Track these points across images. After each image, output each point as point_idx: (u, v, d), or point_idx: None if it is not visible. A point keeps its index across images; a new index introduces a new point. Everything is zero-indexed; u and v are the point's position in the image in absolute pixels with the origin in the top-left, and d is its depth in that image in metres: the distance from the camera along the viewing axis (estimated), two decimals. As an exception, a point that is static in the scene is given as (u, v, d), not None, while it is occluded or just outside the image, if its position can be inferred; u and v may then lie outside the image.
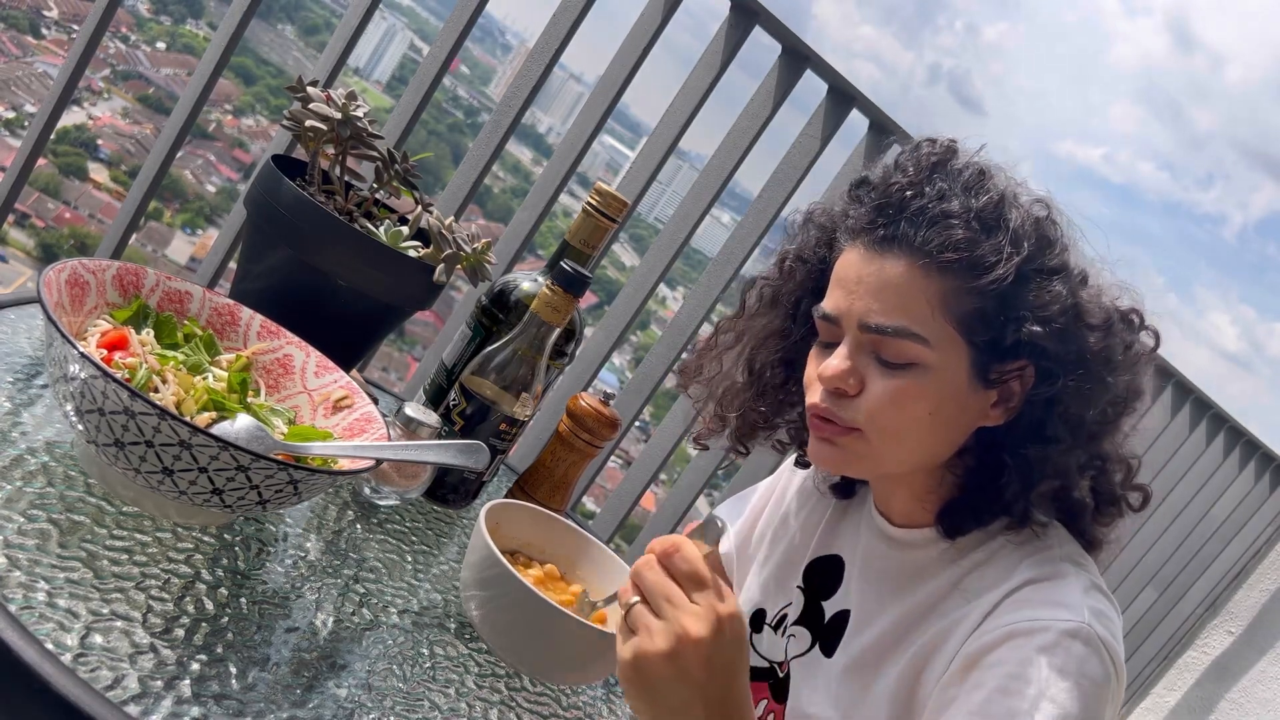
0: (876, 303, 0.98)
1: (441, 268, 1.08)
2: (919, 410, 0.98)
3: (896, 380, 0.98)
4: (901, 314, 0.97)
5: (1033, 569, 1.00)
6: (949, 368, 0.98)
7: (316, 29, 25.17)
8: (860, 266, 1.00)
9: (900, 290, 0.97)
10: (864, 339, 0.99)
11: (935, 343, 0.97)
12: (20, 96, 19.48)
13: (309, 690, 0.72)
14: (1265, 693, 1.87)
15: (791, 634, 1.12)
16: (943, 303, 0.96)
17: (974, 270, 0.96)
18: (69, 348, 0.71)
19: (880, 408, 0.98)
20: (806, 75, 1.91)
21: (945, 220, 0.97)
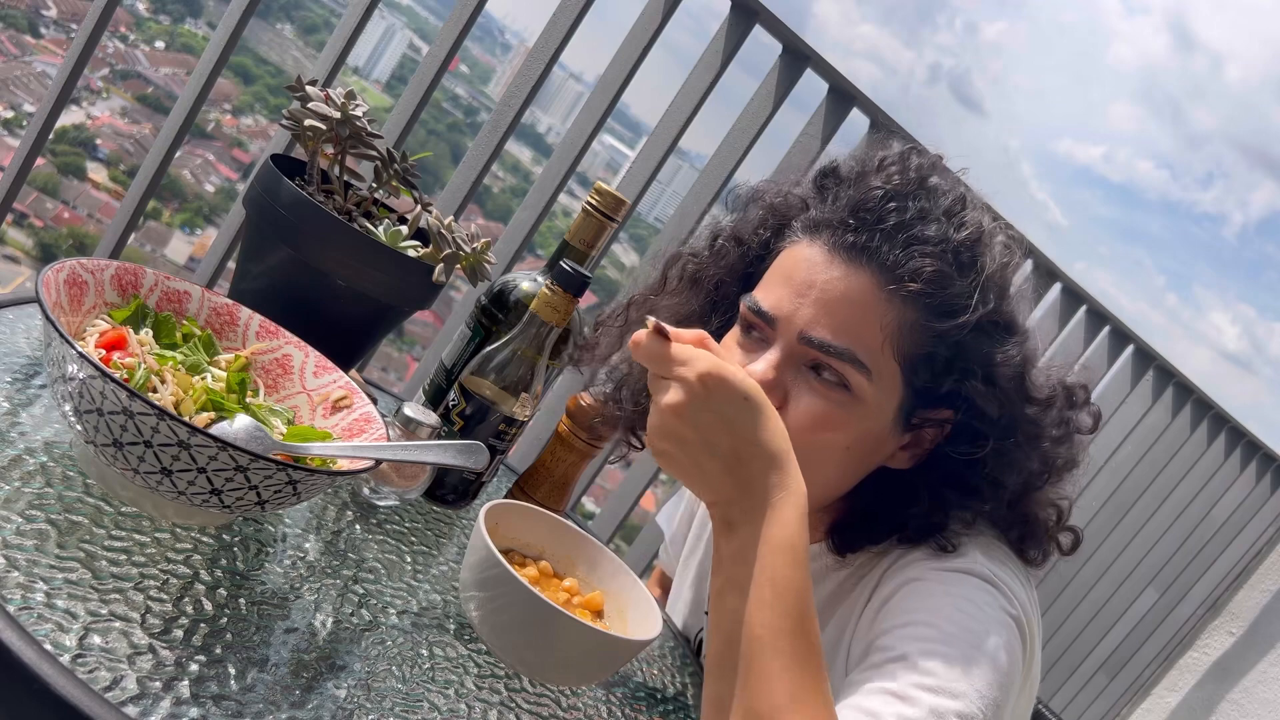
0: (827, 316, 0.88)
1: (441, 267, 1.07)
2: (836, 441, 0.90)
3: (822, 404, 0.89)
4: (851, 337, 0.88)
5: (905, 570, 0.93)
6: (879, 404, 0.90)
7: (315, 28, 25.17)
8: (817, 270, 0.90)
9: (857, 309, 0.88)
10: (801, 351, 0.89)
11: (875, 375, 0.89)
12: (19, 96, 19.48)
13: (308, 691, 0.72)
14: (1267, 693, 1.87)
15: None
16: (896, 336, 0.88)
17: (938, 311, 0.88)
18: (67, 348, 0.70)
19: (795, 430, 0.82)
20: (807, 74, 1.91)
21: (922, 244, 0.89)
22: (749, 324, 0.93)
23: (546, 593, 0.90)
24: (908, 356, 0.89)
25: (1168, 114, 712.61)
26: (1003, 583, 0.88)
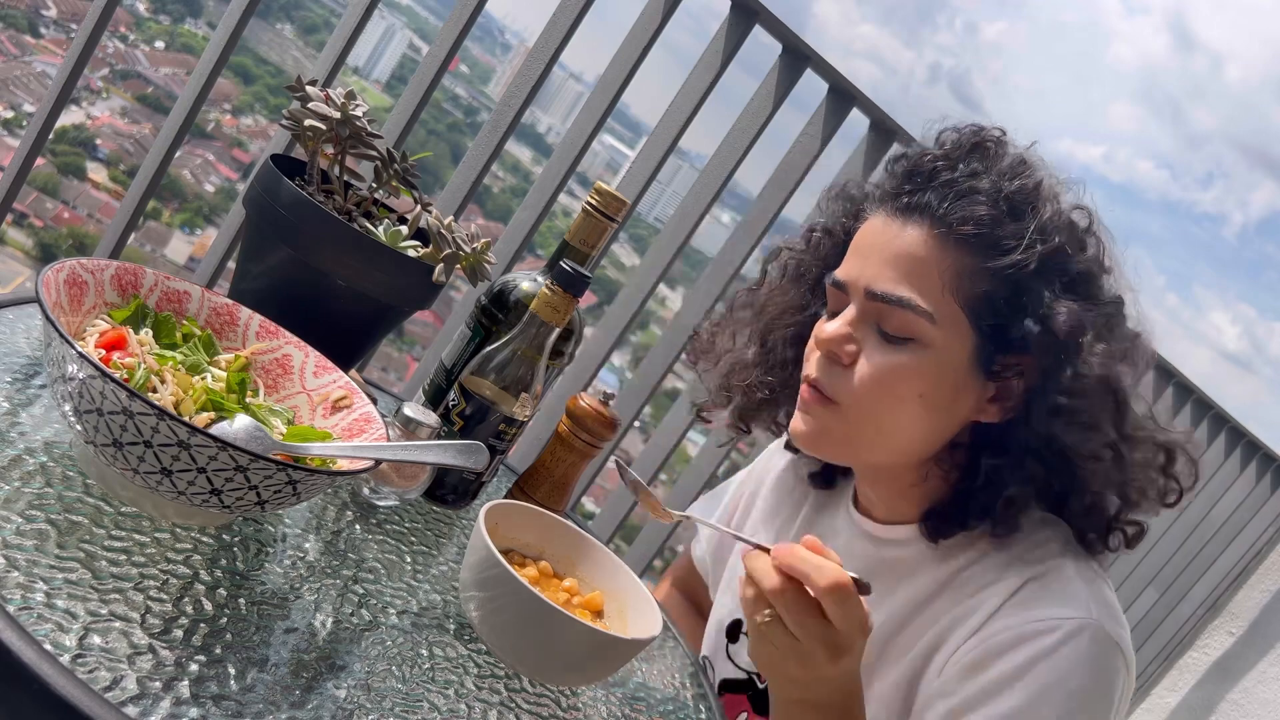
0: (888, 270, 0.94)
1: (441, 267, 1.07)
2: (908, 391, 0.94)
3: (893, 356, 0.94)
4: (909, 285, 0.93)
5: (1031, 566, 0.96)
6: (950, 350, 0.93)
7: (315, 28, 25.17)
8: (878, 233, 0.97)
9: (913, 260, 0.94)
10: (869, 307, 0.95)
11: (939, 320, 0.93)
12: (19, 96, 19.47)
13: (308, 691, 0.72)
14: (1266, 693, 1.87)
15: None
16: (955, 280, 0.93)
17: (991, 250, 0.92)
18: (67, 348, 0.70)
19: (868, 383, 0.93)
20: (807, 75, 1.91)
21: (972, 195, 0.93)
22: (831, 300, 1.00)
23: (546, 593, 0.90)
24: (969, 298, 0.93)
25: (1168, 114, 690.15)
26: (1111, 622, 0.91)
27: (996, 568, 0.98)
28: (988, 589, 0.97)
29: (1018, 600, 0.95)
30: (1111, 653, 0.91)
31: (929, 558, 1.02)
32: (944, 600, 0.99)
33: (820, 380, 0.97)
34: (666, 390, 2.25)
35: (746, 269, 2.05)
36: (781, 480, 1.25)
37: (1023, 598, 0.94)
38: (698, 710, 1.05)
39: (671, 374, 2.14)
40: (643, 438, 3.59)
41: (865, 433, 0.96)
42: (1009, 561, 0.98)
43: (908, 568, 1.03)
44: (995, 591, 0.96)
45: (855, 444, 0.98)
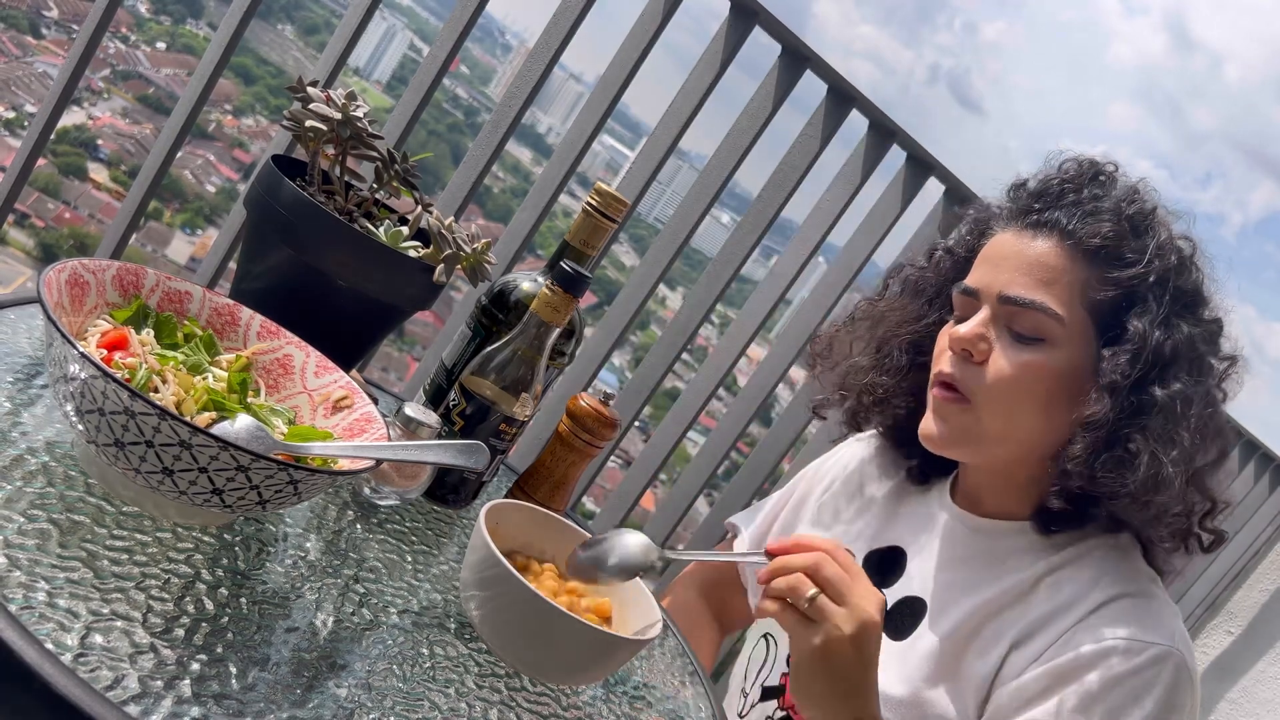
0: (1020, 276, 1.03)
1: (441, 268, 1.08)
2: (1037, 387, 1.02)
3: (1023, 354, 1.02)
4: (1042, 290, 1.02)
5: (1124, 582, 1.03)
6: (1074, 352, 1.02)
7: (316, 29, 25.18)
8: (1008, 246, 1.06)
9: (1044, 268, 1.03)
10: (1001, 311, 1.04)
11: (1068, 323, 1.01)
12: (20, 96, 19.48)
13: (309, 690, 0.72)
14: (1265, 693, 1.87)
15: None
16: (1082, 287, 1.02)
17: (1115, 262, 1.01)
18: (69, 348, 0.71)
19: (1001, 377, 1.02)
20: (806, 75, 1.92)
21: (1097, 214, 1.03)
22: (959, 307, 1.09)
23: (560, 597, 0.90)
24: (1093, 305, 1.02)
25: (1167, 114, 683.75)
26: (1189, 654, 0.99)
27: (1091, 576, 1.05)
28: (1080, 596, 1.03)
29: (1108, 614, 1.01)
30: (1186, 685, 0.97)
31: (1027, 552, 1.08)
32: (1038, 597, 1.05)
33: (955, 375, 1.05)
34: (666, 390, 2.26)
35: (747, 269, 2.05)
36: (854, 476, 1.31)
37: (1114, 612, 1.01)
38: (698, 710, 1.06)
39: (671, 374, 2.14)
40: (643, 438, 3.59)
41: (995, 427, 1.04)
42: (1104, 572, 1.05)
43: (1007, 558, 1.09)
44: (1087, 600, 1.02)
45: (985, 440, 1.05)
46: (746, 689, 1.25)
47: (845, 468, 1.33)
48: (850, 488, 1.30)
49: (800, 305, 2.25)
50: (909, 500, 1.23)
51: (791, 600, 0.89)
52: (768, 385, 2.19)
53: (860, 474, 1.31)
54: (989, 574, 1.09)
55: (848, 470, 1.32)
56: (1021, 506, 1.11)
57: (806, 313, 2.19)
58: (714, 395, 2.15)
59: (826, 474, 1.35)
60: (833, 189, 2.07)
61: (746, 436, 2.28)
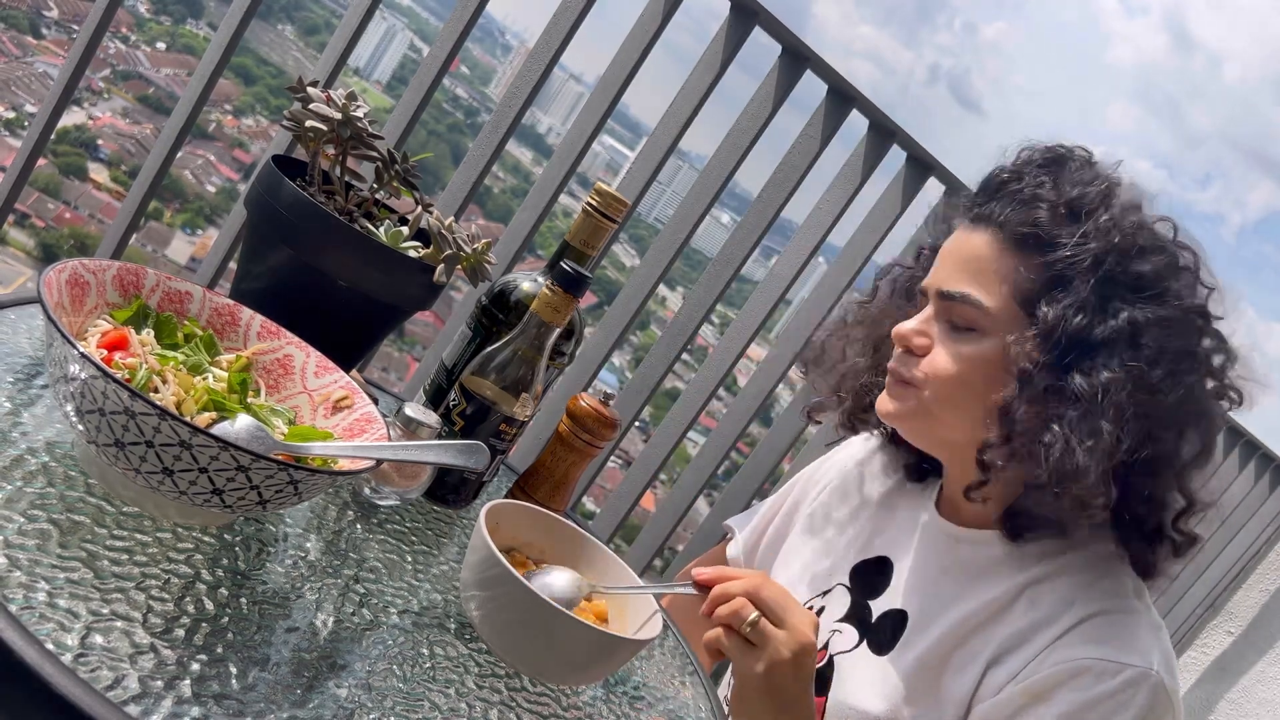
0: (956, 272, 1.06)
1: (441, 268, 1.08)
2: (972, 377, 1.04)
3: (959, 345, 1.04)
4: (970, 282, 1.04)
5: (1102, 598, 1.02)
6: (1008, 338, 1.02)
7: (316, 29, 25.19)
8: (953, 242, 1.09)
9: (975, 259, 1.05)
10: (940, 306, 1.07)
11: (996, 312, 1.02)
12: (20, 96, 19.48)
13: (309, 690, 0.72)
14: (1265, 692, 1.87)
15: (836, 630, 1.15)
16: (1011, 277, 1.02)
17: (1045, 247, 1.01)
18: (69, 348, 0.71)
19: (937, 368, 1.05)
20: (806, 76, 1.92)
21: (1034, 201, 1.03)
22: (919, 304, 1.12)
23: None
24: (1024, 293, 1.02)
25: (1166, 114, 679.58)
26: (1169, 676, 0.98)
27: (1069, 589, 1.04)
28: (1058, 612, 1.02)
29: (1086, 631, 0.99)
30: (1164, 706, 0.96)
31: (1006, 563, 1.08)
32: (1016, 611, 1.05)
33: (898, 370, 1.09)
34: (666, 390, 2.26)
35: (747, 269, 2.05)
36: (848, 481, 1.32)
37: (1091, 630, 0.99)
38: (698, 709, 1.06)
39: (671, 374, 2.14)
40: (643, 438, 3.59)
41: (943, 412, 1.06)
42: (1082, 586, 1.04)
43: (984, 570, 1.09)
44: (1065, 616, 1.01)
45: (931, 419, 1.08)
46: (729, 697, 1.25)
47: (839, 473, 1.33)
48: (843, 493, 1.30)
49: (800, 305, 2.25)
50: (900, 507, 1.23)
51: (734, 625, 0.93)
52: (768, 385, 2.19)
53: (854, 479, 1.31)
54: (969, 587, 1.08)
55: (842, 475, 1.32)
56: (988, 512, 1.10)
57: (806, 313, 2.19)
58: (714, 395, 2.15)
59: (820, 479, 1.35)
60: (833, 189, 2.07)
61: (746, 436, 2.28)
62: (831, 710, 1.09)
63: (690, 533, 2.35)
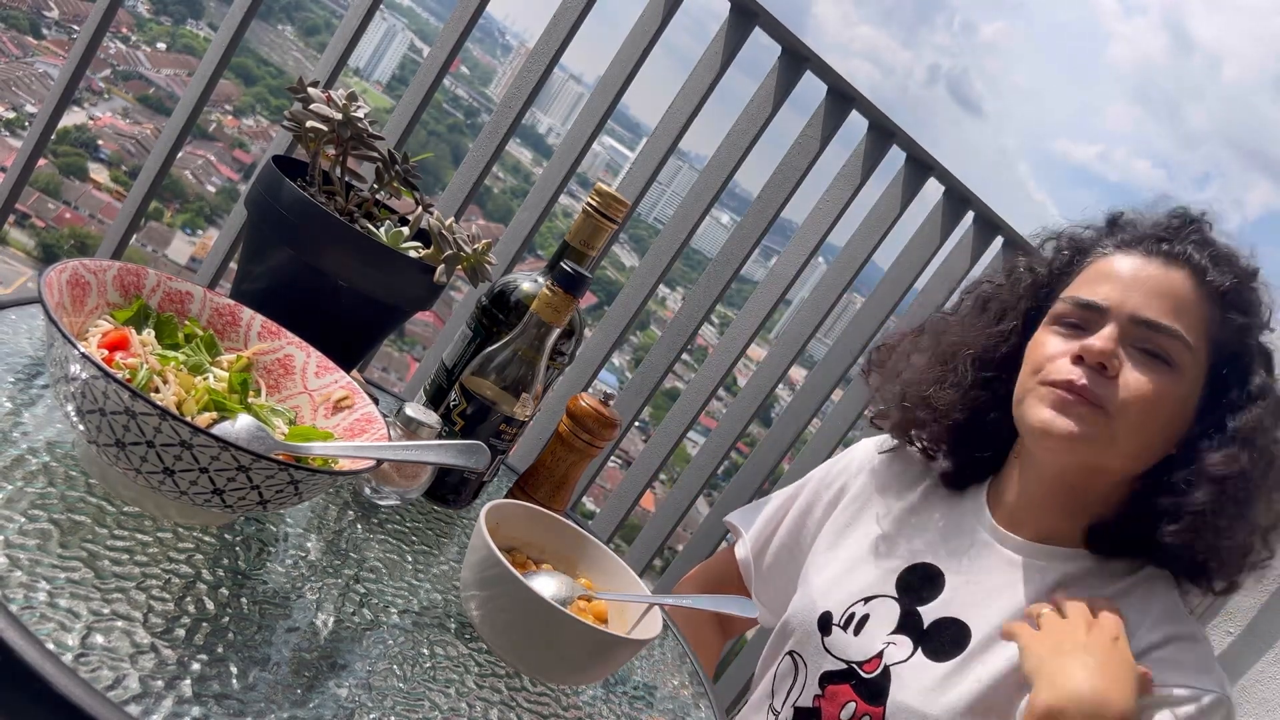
0: (1155, 301, 1.06)
1: (442, 268, 1.08)
2: (1162, 408, 1.05)
3: (1151, 375, 1.04)
4: (1175, 317, 1.05)
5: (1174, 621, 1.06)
6: (1193, 382, 1.06)
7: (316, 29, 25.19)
8: (1139, 268, 1.09)
9: (1178, 298, 1.06)
10: (1134, 332, 1.06)
11: (1195, 354, 1.05)
12: (21, 97, 19.49)
13: (309, 690, 0.72)
14: (1265, 692, 1.87)
15: (889, 642, 1.14)
16: (1209, 324, 1.06)
17: (1237, 309, 1.07)
18: (70, 348, 0.71)
19: (1135, 394, 1.04)
20: (806, 76, 1.92)
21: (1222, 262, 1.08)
22: (1071, 319, 1.10)
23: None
24: (1215, 341, 1.06)
25: (1164, 114, 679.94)
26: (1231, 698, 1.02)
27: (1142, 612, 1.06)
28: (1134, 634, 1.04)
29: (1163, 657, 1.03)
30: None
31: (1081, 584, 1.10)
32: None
33: (1089, 388, 1.05)
34: (666, 390, 2.26)
35: (747, 269, 2.05)
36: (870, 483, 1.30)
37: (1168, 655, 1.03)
38: (698, 710, 1.06)
39: (671, 374, 2.14)
40: (643, 438, 3.59)
41: (1123, 438, 1.05)
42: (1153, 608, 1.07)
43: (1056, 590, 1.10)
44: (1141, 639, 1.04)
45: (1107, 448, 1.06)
46: (776, 706, 1.23)
47: (856, 474, 1.32)
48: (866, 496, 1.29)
49: (800, 305, 2.25)
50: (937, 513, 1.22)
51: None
52: (768, 385, 2.19)
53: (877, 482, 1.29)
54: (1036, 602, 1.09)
55: (860, 477, 1.31)
56: (1070, 528, 1.11)
57: (806, 313, 2.19)
58: (714, 395, 2.15)
59: (835, 480, 1.34)
60: (832, 189, 2.08)
61: (746, 436, 2.28)
62: (894, 715, 1.09)
63: (690, 533, 2.35)
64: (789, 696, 1.21)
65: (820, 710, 1.16)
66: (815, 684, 1.18)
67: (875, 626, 1.16)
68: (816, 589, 1.23)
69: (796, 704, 1.20)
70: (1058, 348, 1.08)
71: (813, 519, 1.33)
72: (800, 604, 1.25)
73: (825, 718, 1.15)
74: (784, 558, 1.35)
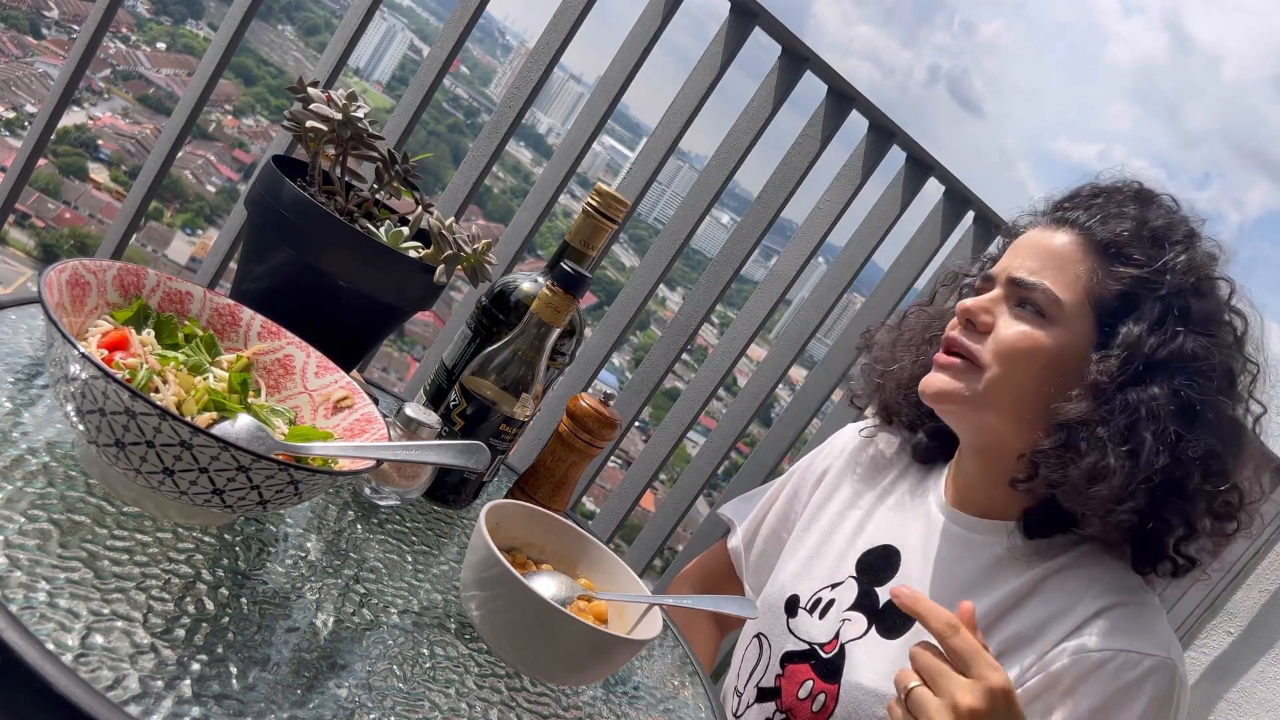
0: (1031, 261, 1.10)
1: (442, 268, 1.08)
2: (1034, 359, 1.07)
3: (1024, 325, 1.08)
4: (1048, 274, 1.08)
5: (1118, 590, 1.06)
6: (1070, 337, 1.07)
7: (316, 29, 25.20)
8: (1030, 238, 1.13)
9: (1054, 255, 1.09)
10: (1009, 291, 1.10)
11: (1066, 306, 1.07)
12: (20, 96, 19.49)
13: (309, 690, 0.72)
14: (1264, 693, 1.87)
15: (845, 618, 1.17)
16: (1088, 278, 1.07)
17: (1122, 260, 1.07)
18: (70, 348, 0.71)
19: (1003, 343, 1.07)
20: (806, 76, 1.92)
21: (1119, 217, 1.09)
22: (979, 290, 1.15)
23: None
24: (1097, 296, 1.07)
25: (1164, 113, 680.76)
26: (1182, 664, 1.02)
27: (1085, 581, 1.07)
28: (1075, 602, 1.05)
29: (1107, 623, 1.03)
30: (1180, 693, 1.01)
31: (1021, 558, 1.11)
32: (1032, 603, 1.08)
33: (959, 340, 1.11)
34: (666, 390, 2.26)
35: (747, 269, 2.05)
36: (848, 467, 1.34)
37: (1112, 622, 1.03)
38: (697, 709, 1.06)
39: (671, 374, 2.14)
40: (643, 438, 3.59)
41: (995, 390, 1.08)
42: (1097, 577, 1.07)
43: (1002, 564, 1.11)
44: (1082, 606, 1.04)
45: (982, 400, 1.09)
46: (740, 688, 1.25)
47: (838, 459, 1.35)
48: (843, 479, 1.32)
49: (800, 305, 2.25)
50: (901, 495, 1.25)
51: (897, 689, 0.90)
52: (768, 385, 2.19)
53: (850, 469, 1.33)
54: (987, 579, 1.11)
55: (840, 461, 1.34)
56: (1009, 504, 1.13)
57: (806, 313, 2.19)
58: (714, 395, 2.15)
59: (818, 465, 1.37)
60: (833, 189, 2.07)
61: (746, 436, 2.28)
62: (845, 695, 1.11)
63: (690, 532, 2.35)
64: (752, 677, 1.24)
65: (780, 689, 1.19)
66: (777, 664, 1.21)
67: (838, 609, 1.18)
68: (787, 572, 1.27)
69: (760, 684, 1.23)
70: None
71: (798, 504, 1.37)
72: (770, 588, 1.28)
73: (785, 696, 1.18)
74: (772, 545, 1.37)
